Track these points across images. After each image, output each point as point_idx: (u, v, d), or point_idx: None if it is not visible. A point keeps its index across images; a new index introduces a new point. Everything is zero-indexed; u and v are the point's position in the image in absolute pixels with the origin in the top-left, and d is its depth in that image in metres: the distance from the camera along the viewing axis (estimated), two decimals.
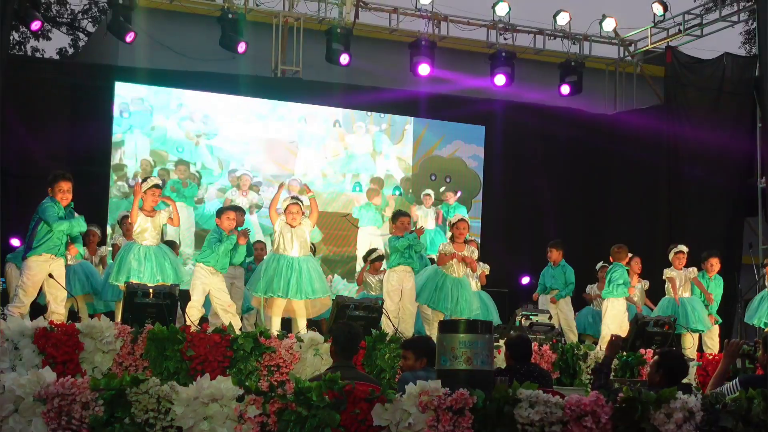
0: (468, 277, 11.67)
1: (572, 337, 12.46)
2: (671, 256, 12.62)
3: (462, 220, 11.81)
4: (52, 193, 9.42)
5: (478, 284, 12.48)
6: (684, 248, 12.62)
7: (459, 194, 16.73)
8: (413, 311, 11.31)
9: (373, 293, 12.21)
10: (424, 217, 16.01)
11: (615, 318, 11.84)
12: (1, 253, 11.68)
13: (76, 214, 9.53)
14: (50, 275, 9.37)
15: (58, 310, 9.35)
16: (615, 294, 12.04)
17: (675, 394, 5.01)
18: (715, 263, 12.74)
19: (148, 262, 9.92)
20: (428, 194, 16.19)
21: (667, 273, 12.59)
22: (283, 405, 4.97)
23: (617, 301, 12.05)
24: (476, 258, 11.79)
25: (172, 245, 13.19)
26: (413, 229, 11.74)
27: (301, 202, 10.73)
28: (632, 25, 18.56)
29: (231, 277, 11.09)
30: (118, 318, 9.67)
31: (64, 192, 9.42)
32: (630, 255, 12.48)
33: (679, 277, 12.51)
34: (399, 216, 11.72)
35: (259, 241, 13.23)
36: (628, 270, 12.35)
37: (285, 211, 10.57)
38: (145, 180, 10.52)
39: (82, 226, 9.68)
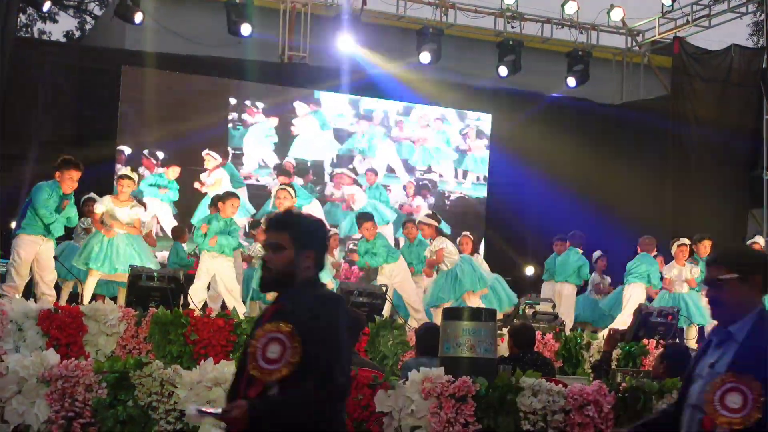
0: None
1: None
2: (674, 249, 12.45)
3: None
4: (60, 178, 9.36)
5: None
6: (687, 241, 12.51)
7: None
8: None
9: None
10: None
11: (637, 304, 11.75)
12: (2, 236, 11.66)
13: (74, 210, 9.56)
14: (55, 257, 9.39)
15: (47, 291, 9.34)
16: (636, 280, 12.09)
17: (677, 385, 5.02)
18: (708, 245, 12.62)
19: (111, 249, 9.89)
20: None
21: (666, 273, 12.44)
22: None
23: (639, 287, 12.07)
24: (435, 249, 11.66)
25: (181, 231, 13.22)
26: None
27: (292, 188, 10.84)
28: (640, 16, 18.53)
29: None
30: (122, 301, 9.68)
31: (74, 180, 9.41)
32: None
33: (679, 275, 12.38)
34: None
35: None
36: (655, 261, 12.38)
37: (275, 196, 10.72)
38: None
39: (72, 221, 9.68)
